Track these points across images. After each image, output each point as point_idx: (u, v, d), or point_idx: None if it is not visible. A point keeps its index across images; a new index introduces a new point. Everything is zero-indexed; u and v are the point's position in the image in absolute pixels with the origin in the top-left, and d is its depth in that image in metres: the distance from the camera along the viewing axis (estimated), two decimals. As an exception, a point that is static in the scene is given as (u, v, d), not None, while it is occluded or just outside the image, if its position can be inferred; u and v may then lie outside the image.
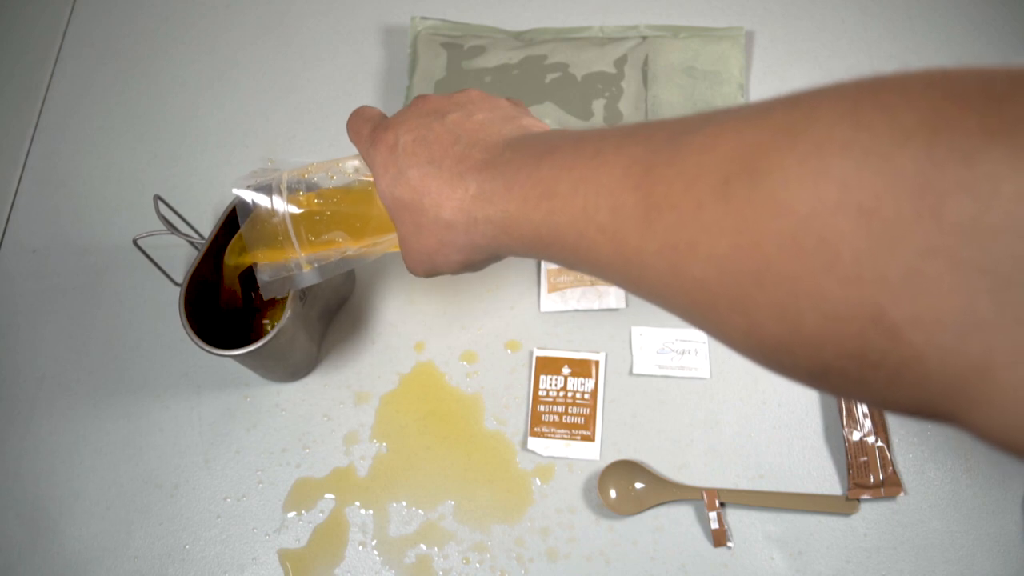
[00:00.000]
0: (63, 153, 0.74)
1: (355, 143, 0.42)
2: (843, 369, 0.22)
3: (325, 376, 0.64)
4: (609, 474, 0.58)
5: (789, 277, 0.22)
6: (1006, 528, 0.56)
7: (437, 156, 0.36)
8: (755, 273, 0.23)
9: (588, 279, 0.65)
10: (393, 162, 0.38)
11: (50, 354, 0.66)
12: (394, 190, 0.38)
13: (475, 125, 0.37)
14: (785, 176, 0.21)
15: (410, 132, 0.38)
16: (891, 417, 0.60)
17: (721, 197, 0.23)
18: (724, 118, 0.25)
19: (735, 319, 0.24)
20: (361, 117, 0.42)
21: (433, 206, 0.36)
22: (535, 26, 0.75)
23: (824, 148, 0.21)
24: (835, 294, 0.21)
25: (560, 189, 0.30)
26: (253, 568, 0.58)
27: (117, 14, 0.81)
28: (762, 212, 0.22)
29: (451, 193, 0.35)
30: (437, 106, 0.39)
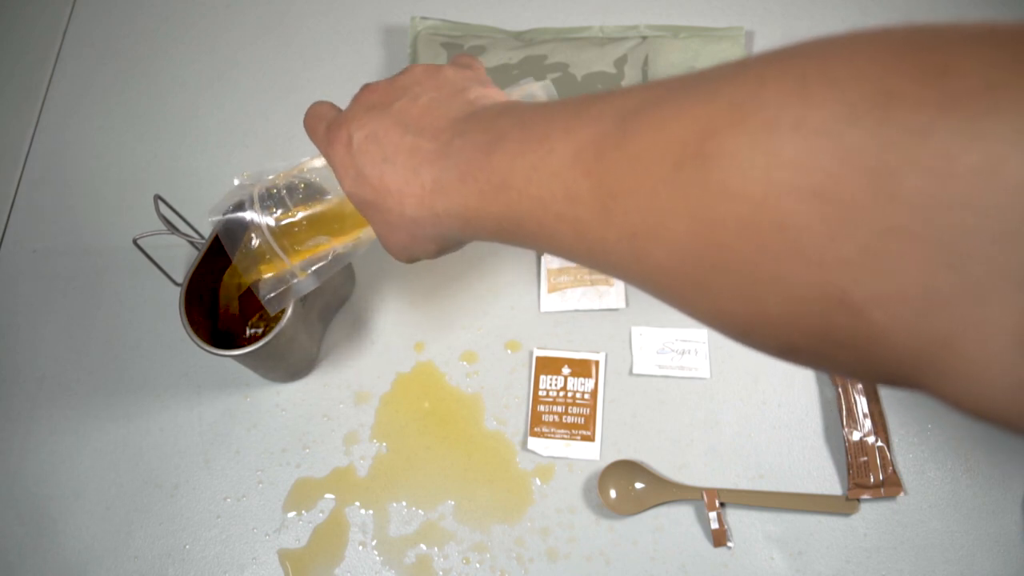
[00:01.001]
0: (63, 153, 0.74)
1: (313, 143, 0.42)
2: (811, 347, 0.22)
3: (325, 376, 0.64)
4: (609, 474, 0.58)
5: (749, 262, 0.22)
6: (1006, 528, 0.56)
7: (390, 153, 0.36)
8: (715, 258, 0.23)
9: (588, 279, 0.65)
10: (351, 162, 0.37)
11: (50, 354, 0.66)
12: (358, 191, 0.37)
13: (421, 110, 0.36)
14: (737, 160, 0.21)
15: (361, 128, 0.37)
16: (891, 417, 0.60)
17: (674, 183, 0.23)
18: (672, 95, 0.25)
19: (700, 301, 0.25)
20: (315, 116, 0.42)
21: (396, 204, 0.36)
22: (535, 26, 0.75)
23: (774, 129, 0.20)
24: (796, 277, 0.21)
25: (514, 181, 0.30)
26: (253, 568, 0.58)
27: (117, 14, 0.81)
28: (716, 198, 0.22)
29: (410, 190, 0.35)
30: (383, 96, 0.38)
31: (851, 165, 0.19)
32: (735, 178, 0.21)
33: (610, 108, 0.27)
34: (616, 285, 0.65)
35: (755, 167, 0.21)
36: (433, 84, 0.38)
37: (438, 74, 0.39)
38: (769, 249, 0.21)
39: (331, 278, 0.60)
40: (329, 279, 0.60)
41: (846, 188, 0.19)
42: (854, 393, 0.60)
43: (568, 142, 0.27)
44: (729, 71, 0.23)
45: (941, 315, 0.19)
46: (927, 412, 0.60)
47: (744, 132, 0.21)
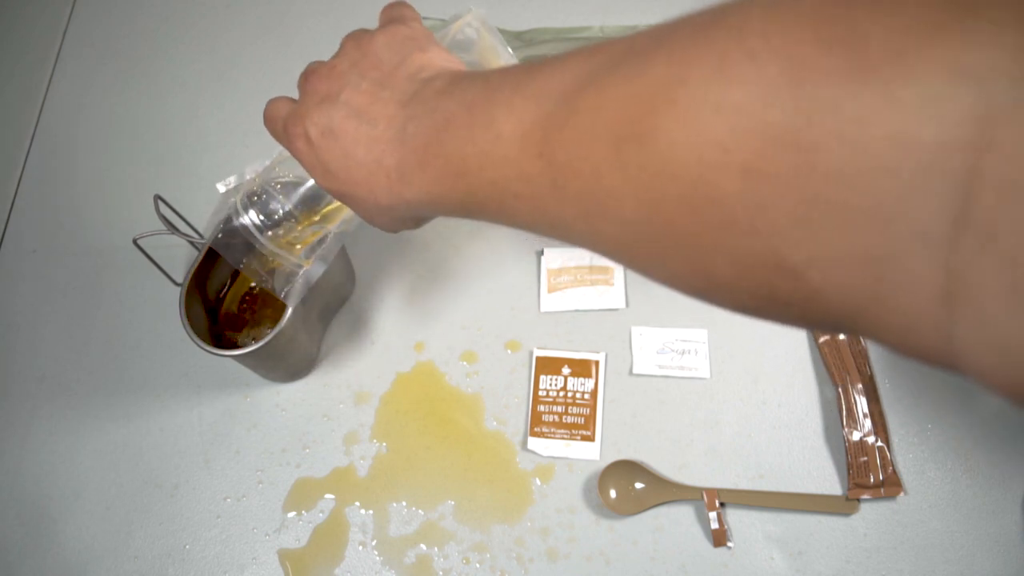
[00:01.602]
0: (63, 153, 0.74)
1: (278, 140, 0.42)
2: (760, 307, 0.24)
3: (325, 376, 0.64)
4: (609, 474, 0.58)
5: (693, 234, 0.23)
6: (1006, 528, 0.56)
7: (350, 147, 0.36)
8: (663, 232, 0.24)
9: (588, 279, 0.65)
10: (315, 158, 0.38)
11: (50, 354, 0.66)
12: (329, 185, 0.38)
13: (367, 97, 0.36)
14: (670, 139, 0.22)
15: (315, 124, 0.37)
16: (891, 417, 0.60)
17: (617, 164, 0.24)
18: (607, 72, 0.25)
19: (657, 270, 0.27)
20: (271, 114, 0.42)
21: (368, 194, 0.36)
22: (535, 26, 0.75)
23: (700, 109, 0.21)
24: (737, 246, 0.22)
25: (469, 167, 0.31)
26: (253, 568, 0.58)
27: (117, 14, 0.81)
28: (655, 177, 0.23)
29: (377, 181, 0.35)
30: (328, 85, 0.38)
31: (773, 141, 0.20)
32: (669, 157, 0.22)
33: (551, 86, 0.28)
34: (616, 285, 0.65)
35: (687, 147, 0.22)
36: (370, 64, 0.38)
37: (370, 49, 0.38)
38: (709, 223, 0.22)
39: (331, 278, 0.61)
40: (329, 279, 0.60)
41: (770, 164, 0.20)
42: (854, 393, 0.60)
43: (514, 125, 0.28)
44: (656, 44, 0.24)
45: (870, 274, 0.20)
46: (927, 412, 0.60)
47: (674, 112, 0.22)
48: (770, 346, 0.62)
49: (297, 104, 0.39)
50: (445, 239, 0.68)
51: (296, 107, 0.39)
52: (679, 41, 0.23)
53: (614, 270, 0.65)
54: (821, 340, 0.62)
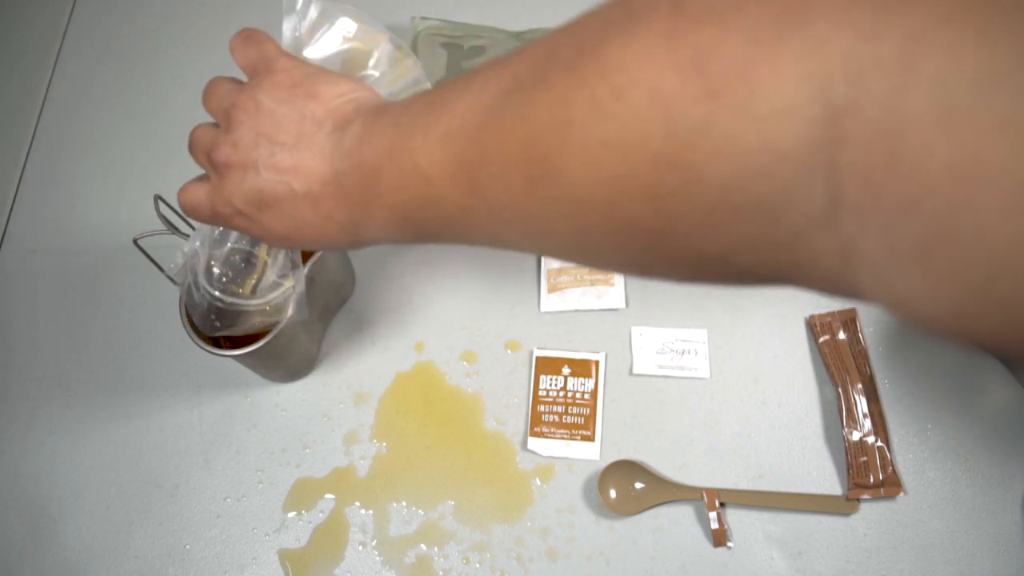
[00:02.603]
0: (63, 153, 0.74)
1: (209, 224, 0.42)
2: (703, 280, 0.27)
3: (325, 376, 0.64)
4: (609, 474, 0.58)
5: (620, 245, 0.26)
6: (1006, 528, 0.56)
7: (294, 212, 0.36)
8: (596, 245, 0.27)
9: (588, 279, 0.65)
10: (261, 229, 0.38)
11: (50, 354, 0.65)
12: (285, 245, 0.39)
13: (288, 161, 0.36)
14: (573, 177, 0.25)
15: (246, 201, 0.37)
16: (891, 417, 0.60)
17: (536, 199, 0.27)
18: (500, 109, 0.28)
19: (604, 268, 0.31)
20: (193, 204, 0.41)
21: (331, 245, 0.38)
22: (535, 26, 0.75)
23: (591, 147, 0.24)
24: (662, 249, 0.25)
25: (410, 211, 0.33)
26: (253, 568, 0.58)
27: (117, 14, 0.81)
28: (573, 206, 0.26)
29: (332, 233, 0.37)
30: (240, 159, 0.37)
31: (662, 166, 0.22)
32: (579, 190, 0.25)
33: (455, 126, 0.30)
34: (616, 285, 0.65)
35: (590, 181, 0.24)
36: (271, 127, 0.37)
37: (262, 111, 0.37)
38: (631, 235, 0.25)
39: (331, 278, 0.61)
40: (329, 279, 0.60)
41: (666, 184, 0.23)
42: (854, 393, 0.60)
43: (438, 169, 0.30)
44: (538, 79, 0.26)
45: (783, 252, 0.23)
46: (927, 412, 0.60)
47: (568, 154, 0.25)
48: (770, 346, 0.62)
49: (215, 185, 0.39)
50: (445, 239, 0.68)
51: (217, 189, 0.39)
52: (555, 79, 0.25)
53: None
54: (821, 340, 0.62)
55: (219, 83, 0.41)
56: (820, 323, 0.62)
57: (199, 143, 0.40)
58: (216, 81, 0.42)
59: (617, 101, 0.23)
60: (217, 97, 0.40)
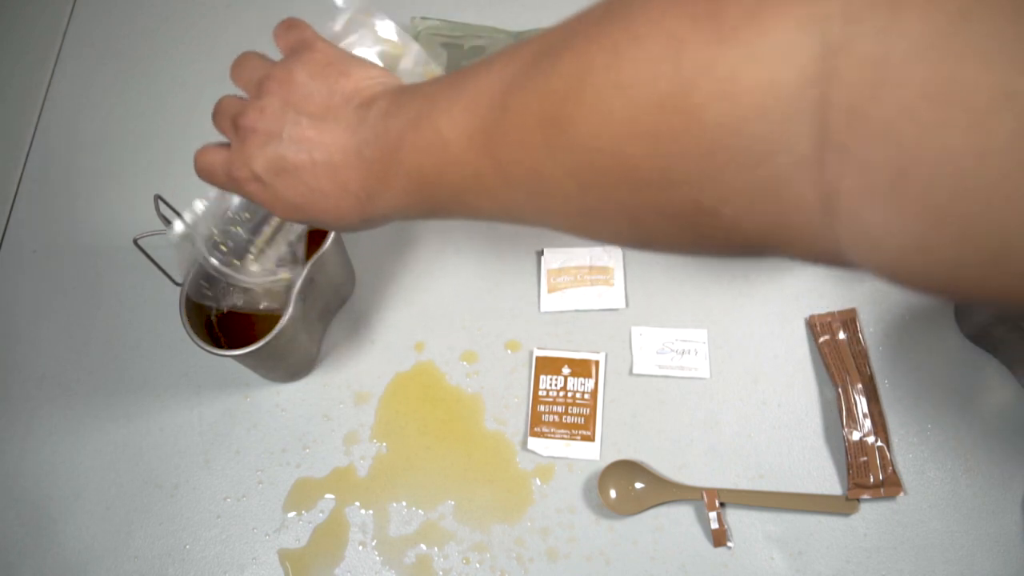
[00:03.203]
0: (63, 153, 0.74)
1: (220, 187, 0.42)
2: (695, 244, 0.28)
3: (325, 376, 0.64)
4: (609, 474, 0.58)
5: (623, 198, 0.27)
6: (1006, 528, 0.56)
7: (311, 180, 0.37)
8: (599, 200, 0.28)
9: (588, 279, 0.65)
10: (273, 196, 0.39)
11: (50, 354, 0.65)
12: (294, 216, 0.40)
13: (313, 131, 0.37)
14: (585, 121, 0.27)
15: (265, 166, 0.38)
16: (891, 417, 0.59)
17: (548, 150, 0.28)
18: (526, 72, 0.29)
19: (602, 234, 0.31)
20: (208, 166, 0.42)
21: (339, 218, 0.39)
22: (535, 26, 0.75)
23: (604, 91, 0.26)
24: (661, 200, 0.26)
25: (428, 176, 0.34)
26: (253, 568, 0.58)
27: (117, 14, 0.81)
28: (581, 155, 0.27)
29: (346, 204, 0.37)
30: (266, 127, 0.38)
31: (667, 108, 0.24)
32: (588, 137, 0.27)
33: (481, 92, 0.31)
34: (616, 285, 0.65)
35: (600, 125, 0.26)
36: (301, 98, 0.38)
37: (295, 84, 0.39)
38: (633, 185, 0.26)
39: (331, 278, 0.61)
40: (329, 279, 0.60)
41: (669, 126, 0.24)
42: (854, 393, 0.60)
43: (458, 132, 0.32)
44: (563, 43, 0.28)
45: (770, 202, 0.24)
46: (927, 412, 0.60)
47: (583, 99, 0.26)
48: (770, 346, 0.62)
49: (236, 149, 0.40)
50: (445, 239, 0.68)
51: (237, 152, 0.39)
52: (581, 37, 0.27)
53: (614, 270, 0.65)
54: (821, 340, 0.62)
55: (251, 57, 0.43)
56: (820, 323, 0.62)
57: (226, 110, 0.41)
58: (248, 55, 0.43)
59: (634, 46, 0.25)
60: (249, 69, 0.42)
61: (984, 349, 0.61)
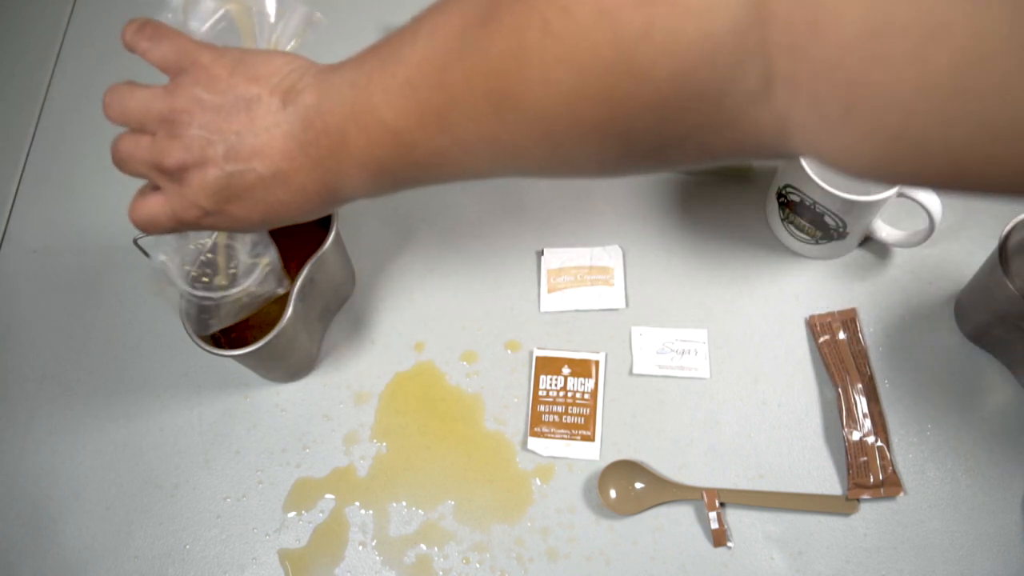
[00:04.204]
0: (63, 153, 0.74)
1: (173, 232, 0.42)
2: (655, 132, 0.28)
3: (325, 376, 0.64)
4: (609, 474, 0.58)
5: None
6: (1006, 528, 0.56)
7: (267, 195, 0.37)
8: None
9: (588, 279, 0.65)
10: (232, 221, 0.38)
11: (50, 354, 0.65)
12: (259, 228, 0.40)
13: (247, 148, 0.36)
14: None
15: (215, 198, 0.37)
16: (891, 417, 0.59)
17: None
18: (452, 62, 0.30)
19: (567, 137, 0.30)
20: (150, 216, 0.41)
21: (307, 214, 0.39)
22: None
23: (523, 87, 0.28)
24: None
25: (385, 165, 0.34)
26: (253, 568, 0.58)
27: (117, 14, 0.80)
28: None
29: (309, 203, 0.37)
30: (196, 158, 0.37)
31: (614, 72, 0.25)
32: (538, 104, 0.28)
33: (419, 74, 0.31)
34: (616, 285, 0.65)
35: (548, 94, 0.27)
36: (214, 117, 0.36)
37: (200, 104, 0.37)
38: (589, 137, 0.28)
39: (331, 278, 0.61)
40: (329, 279, 0.60)
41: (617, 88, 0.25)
42: (854, 393, 0.60)
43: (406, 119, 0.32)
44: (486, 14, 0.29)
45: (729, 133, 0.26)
46: (927, 412, 0.60)
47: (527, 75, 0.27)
48: (770, 346, 0.62)
49: (174, 192, 0.38)
50: (445, 239, 0.68)
51: (175, 196, 0.38)
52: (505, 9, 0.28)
53: (614, 270, 0.65)
54: (821, 340, 0.62)
55: (132, 90, 0.40)
56: (820, 323, 0.62)
57: (134, 155, 0.39)
58: (125, 89, 0.40)
59: (566, 19, 0.25)
60: (136, 102, 0.39)
61: (984, 349, 0.61)
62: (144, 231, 0.41)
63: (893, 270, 0.64)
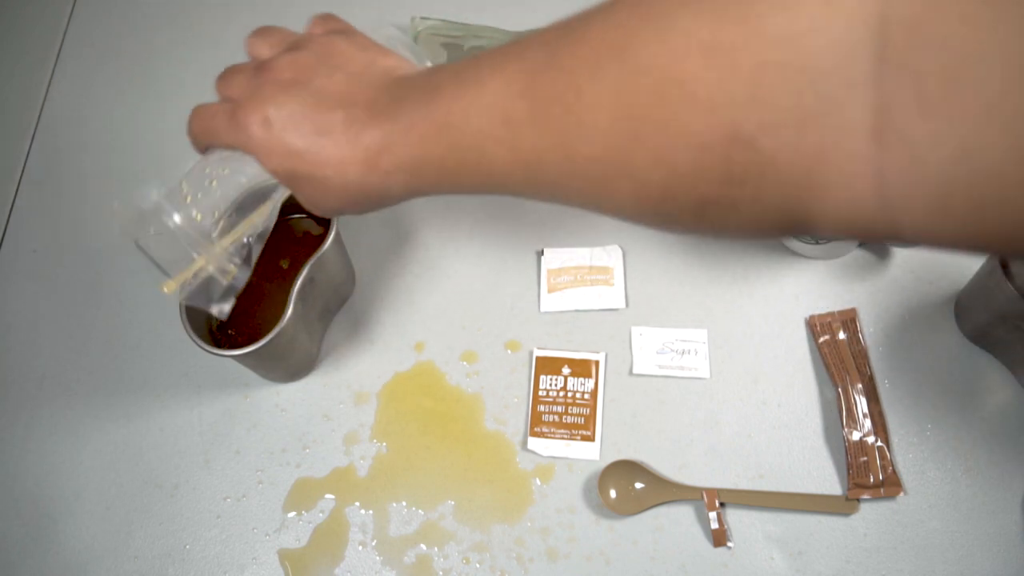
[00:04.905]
0: (63, 153, 0.74)
1: (213, 139, 0.41)
2: (718, 197, 0.27)
3: (325, 376, 0.64)
4: (609, 474, 0.58)
5: (660, 123, 0.26)
6: (1006, 528, 0.56)
7: (323, 126, 0.36)
8: (633, 132, 0.27)
9: (588, 279, 0.65)
10: (275, 141, 0.37)
11: (50, 354, 0.65)
12: (288, 165, 0.37)
13: (342, 86, 0.37)
14: (644, 41, 0.26)
15: (280, 107, 0.37)
16: (891, 417, 0.60)
17: (596, 78, 0.28)
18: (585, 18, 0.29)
19: (624, 185, 0.29)
20: (206, 114, 0.41)
21: (339, 174, 0.36)
22: (535, 26, 0.75)
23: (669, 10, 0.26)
24: (699, 125, 0.25)
25: (454, 120, 0.33)
26: (253, 568, 0.58)
27: (117, 14, 0.81)
28: (630, 76, 0.27)
29: (353, 157, 0.36)
30: (293, 75, 0.38)
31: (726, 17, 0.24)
32: (643, 57, 0.26)
33: (534, 42, 0.31)
34: (616, 285, 0.65)
35: (657, 41, 0.26)
36: (340, 59, 0.38)
37: (335, 47, 0.39)
38: (675, 108, 0.26)
39: (331, 278, 0.61)
40: (329, 279, 0.60)
41: (726, 36, 0.24)
42: (854, 393, 0.60)
43: (499, 77, 0.31)
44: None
45: (813, 130, 0.23)
46: (927, 412, 0.60)
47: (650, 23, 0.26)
48: (770, 346, 0.62)
49: (252, 93, 0.38)
50: (445, 239, 0.68)
51: (252, 96, 0.38)
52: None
53: (614, 270, 0.65)
54: (821, 340, 0.62)
55: (277, 28, 0.42)
56: (820, 323, 0.62)
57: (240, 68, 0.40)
58: (272, 27, 0.42)
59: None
60: (278, 35, 0.41)
61: (984, 349, 0.61)
62: (195, 124, 0.41)
63: (893, 270, 0.64)
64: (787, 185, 0.25)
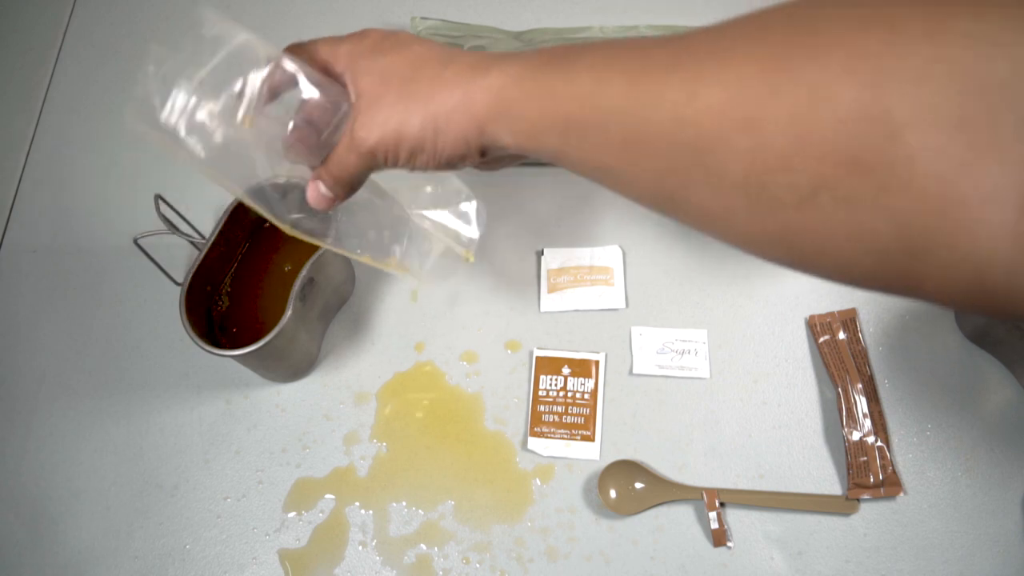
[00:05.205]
0: (63, 153, 0.74)
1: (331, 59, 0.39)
2: (836, 181, 0.24)
3: (325, 376, 0.64)
4: (609, 474, 0.58)
5: (810, 84, 0.24)
6: (1006, 528, 0.56)
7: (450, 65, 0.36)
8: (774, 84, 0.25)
9: (588, 279, 0.65)
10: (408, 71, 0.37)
11: (50, 354, 0.66)
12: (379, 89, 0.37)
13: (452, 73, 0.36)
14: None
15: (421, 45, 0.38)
16: (891, 417, 0.60)
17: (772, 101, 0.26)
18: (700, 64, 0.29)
19: (741, 141, 0.26)
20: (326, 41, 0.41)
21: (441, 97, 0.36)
22: (535, 26, 0.75)
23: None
24: (849, 96, 0.23)
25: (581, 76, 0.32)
26: (253, 568, 0.58)
27: (117, 14, 0.81)
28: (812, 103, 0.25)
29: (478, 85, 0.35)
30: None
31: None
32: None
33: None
34: (616, 285, 0.65)
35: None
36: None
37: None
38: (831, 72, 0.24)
39: (331, 278, 0.61)
40: (329, 279, 0.60)
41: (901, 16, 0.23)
42: (854, 393, 0.60)
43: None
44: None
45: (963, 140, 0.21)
46: (927, 412, 0.60)
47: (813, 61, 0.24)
48: (770, 346, 0.62)
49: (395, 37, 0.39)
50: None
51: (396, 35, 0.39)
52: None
53: (614, 270, 0.65)
54: (821, 340, 0.62)
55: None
56: (820, 323, 0.62)
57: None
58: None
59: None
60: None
61: (984, 349, 0.61)
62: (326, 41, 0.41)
63: (893, 270, 0.64)
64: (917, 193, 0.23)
